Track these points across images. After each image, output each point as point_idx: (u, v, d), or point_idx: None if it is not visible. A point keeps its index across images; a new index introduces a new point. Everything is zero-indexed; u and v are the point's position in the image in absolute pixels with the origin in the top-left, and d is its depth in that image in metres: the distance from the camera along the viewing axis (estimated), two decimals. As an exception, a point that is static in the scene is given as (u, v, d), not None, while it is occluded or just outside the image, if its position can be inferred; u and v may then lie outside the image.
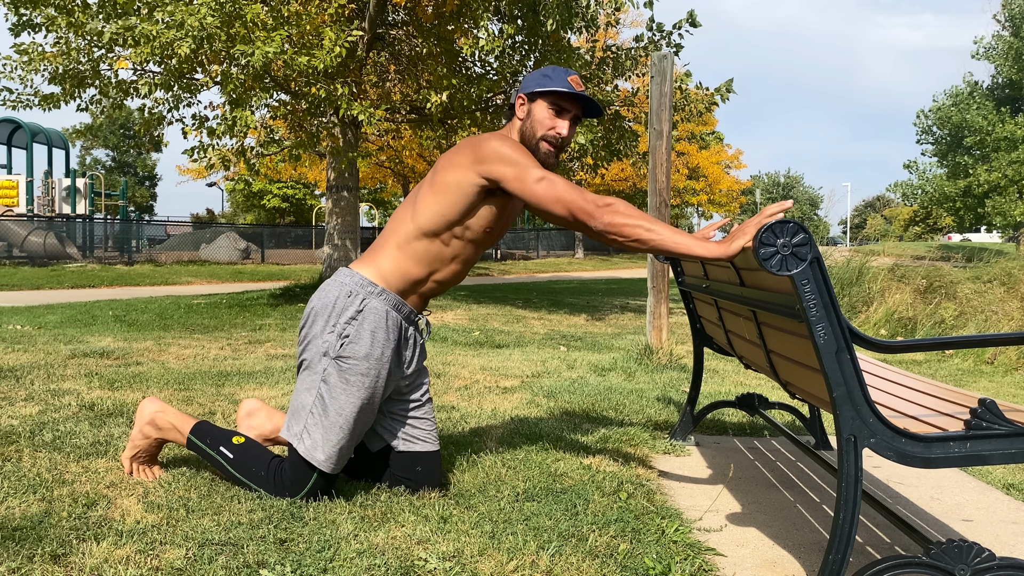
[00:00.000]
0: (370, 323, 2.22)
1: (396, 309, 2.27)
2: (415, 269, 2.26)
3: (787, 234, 1.56)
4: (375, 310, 2.23)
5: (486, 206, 2.22)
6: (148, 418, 2.39)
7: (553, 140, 2.26)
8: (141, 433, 2.40)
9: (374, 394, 2.25)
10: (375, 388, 2.24)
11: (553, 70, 2.29)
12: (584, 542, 2.00)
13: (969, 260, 12.00)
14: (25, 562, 1.76)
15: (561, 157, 2.37)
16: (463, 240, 2.26)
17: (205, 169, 9.62)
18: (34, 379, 3.94)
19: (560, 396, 3.95)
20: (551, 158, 2.27)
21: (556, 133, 2.25)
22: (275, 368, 4.56)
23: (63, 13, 7.78)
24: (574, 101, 2.27)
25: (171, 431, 2.38)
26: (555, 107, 2.25)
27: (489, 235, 2.29)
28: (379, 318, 2.23)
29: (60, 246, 19.01)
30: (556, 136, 2.25)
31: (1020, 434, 1.59)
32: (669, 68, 5.07)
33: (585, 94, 2.25)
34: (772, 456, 3.04)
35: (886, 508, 2.00)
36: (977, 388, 5.03)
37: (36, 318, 7.35)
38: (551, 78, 2.26)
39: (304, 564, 1.80)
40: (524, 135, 2.29)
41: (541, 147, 2.26)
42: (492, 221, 2.26)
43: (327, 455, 2.20)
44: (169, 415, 2.39)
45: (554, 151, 2.27)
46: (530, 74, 2.32)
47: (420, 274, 2.27)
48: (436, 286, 2.32)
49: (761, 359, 2.25)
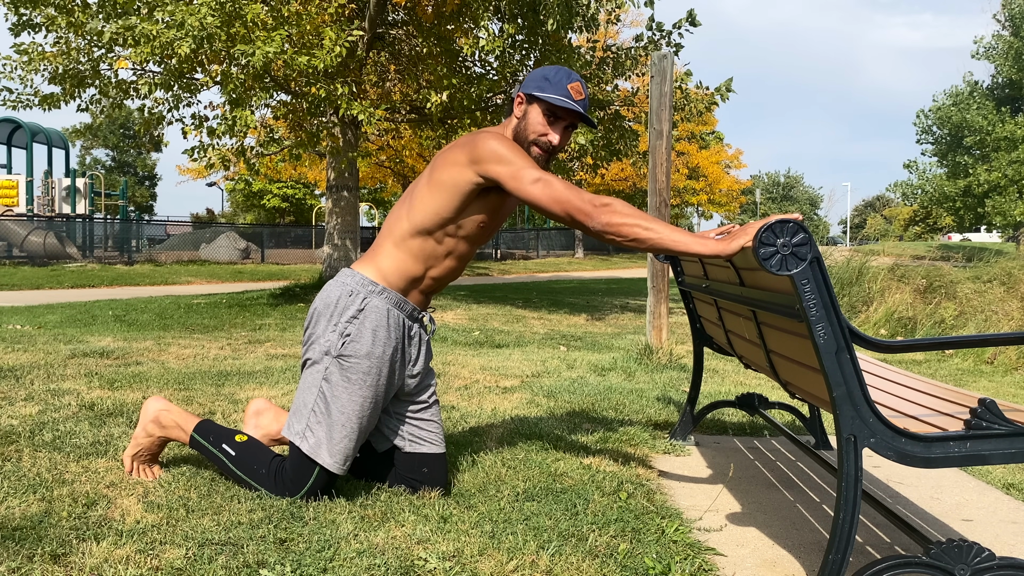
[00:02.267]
0: (371, 321, 2.22)
1: (398, 307, 2.27)
2: (413, 266, 2.27)
3: (787, 234, 1.56)
4: (376, 308, 2.23)
5: (481, 204, 2.22)
6: (152, 416, 2.40)
7: (544, 146, 2.25)
8: (144, 431, 2.40)
9: (377, 392, 2.24)
10: (377, 386, 2.24)
11: (555, 72, 2.26)
12: (584, 542, 2.00)
13: (969, 260, 12.00)
14: (25, 562, 1.76)
15: (561, 156, 2.36)
16: (456, 237, 2.26)
17: (205, 169, 9.62)
18: (34, 379, 3.94)
19: (560, 396, 3.95)
20: (540, 162, 2.26)
21: (547, 141, 2.25)
22: (275, 368, 4.56)
23: (63, 13, 7.78)
24: (569, 112, 2.25)
25: (174, 429, 2.39)
26: (550, 115, 2.24)
27: (483, 231, 2.30)
28: (380, 316, 2.23)
29: (60, 246, 19.01)
30: (547, 143, 2.25)
31: (1020, 434, 1.59)
32: (669, 68, 5.07)
33: (580, 109, 2.22)
34: (772, 456, 3.04)
35: (886, 508, 2.00)
36: (977, 388, 5.03)
37: (36, 318, 7.35)
38: (551, 83, 2.23)
39: (304, 564, 1.80)
40: (518, 134, 2.28)
41: (532, 151, 2.25)
42: (487, 218, 2.26)
43: (331, 454, 2.20)
44: (173, 413, 2.40)
45: (544, 156, 2.27)
46: (534, 72, 2.31)
47: (418, 271, 2.28)
48: (433, 283, 2.32)
49: (761, 359, 2.25)
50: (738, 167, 41.16)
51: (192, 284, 14.90)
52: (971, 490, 2.69)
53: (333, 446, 2.20)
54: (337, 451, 2.21)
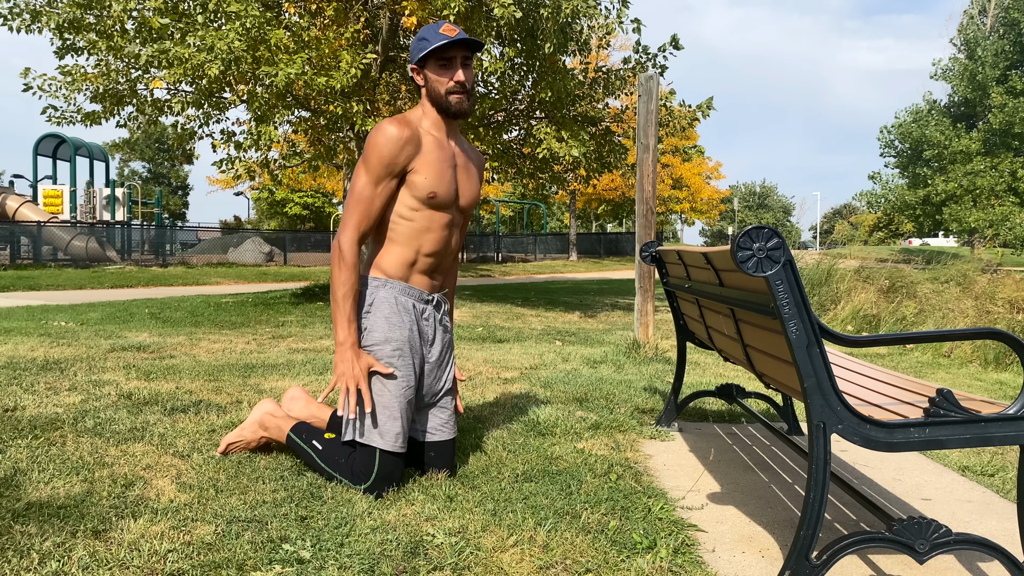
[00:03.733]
0: (382, 311, 2.22)
1: (404, 294, 2.24)
2: (403, 251, 2.24)
3: (762, 239, 1.56)
4: (383, 299, 2.22)
5: (407, 177, 2.19)
6: (257, 418, 2.45)
7: (456, 89, 2.21)
8: (250, 429, 2.45)
9: (407, 371, 2.20)
10: (405, 364, 2.20)
11: (426, 31, 2.21)
12: (578, 519, 2.00)
13: (928, 263, 11.99)
14: (69, 537, 1.76)
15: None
16: (420, 211, 2.21)
17: (232, 179, 9.63)
18: (77, 371, 3.94)
19: (555, 386, 3.95)
20: (465, 103, 2.22)
21: (455, 82, 2.20)
22: (296, 361, 4.56)
23: (103, 38, 7.77)
24: (457, 47, 2.20)
25: (274, 431, 2.42)
26: (443, 61, 2.20)
27: (435, 199, 2.21)
28: (389, 304, 2.22)
29: (101, 250, 19.00)
30: (456, 84, 2.20)
31: (974, 421, 1.59)
32: (655, 87, 5.07)
33: (460, 37, 2.17)
34: (749, 441, 3.04)
35: (852, 488, 2.00)
36: (935, 379, 5.03)
37: (79, 315, 7.35)
38: (428, 39, 2.19)
39: (323, 539, 1.80)
40: (433, 98, 2.24)
41: (452, 100, 2.21)
42: (424, 185, 2.19)
43: (382, 435, 2.17)
44: (277, 418, 2.44)
45: (464, 97, 2.22)
46: (411, 44, 2.26)
47: (409, 254, 2.24)
48: (431, 259, 2.26)
49: (738, 352, 2.25)
50: (718, 178, 41.14)
51: (221, 285, 14.89)
52: (930, 472, 2.69)
53: (383, 427, 2.17)
54: (387, 431, 2.17)
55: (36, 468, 2.25)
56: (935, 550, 1.58)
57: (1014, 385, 4.98)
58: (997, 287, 7.79)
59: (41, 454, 2.39)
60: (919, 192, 30.99)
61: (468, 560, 1.75)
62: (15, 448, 2.44)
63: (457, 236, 2.34)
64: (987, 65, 29.36)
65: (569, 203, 34.77)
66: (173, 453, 2.47)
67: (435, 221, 2.24)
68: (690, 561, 1.80)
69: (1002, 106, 28.34)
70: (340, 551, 1.75)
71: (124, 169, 48.79)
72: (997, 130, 28.94)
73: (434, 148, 2.22)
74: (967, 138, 29.71)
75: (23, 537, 1.75)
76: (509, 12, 7.17)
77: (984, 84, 29.48)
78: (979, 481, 2.60)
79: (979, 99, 30.04)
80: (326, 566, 1.68)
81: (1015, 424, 1.59)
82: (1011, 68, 29.70)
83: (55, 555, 1.67)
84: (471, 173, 2.35)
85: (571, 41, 8.54)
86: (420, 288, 2.28)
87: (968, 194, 29.46)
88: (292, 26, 7.62)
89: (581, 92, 9.53)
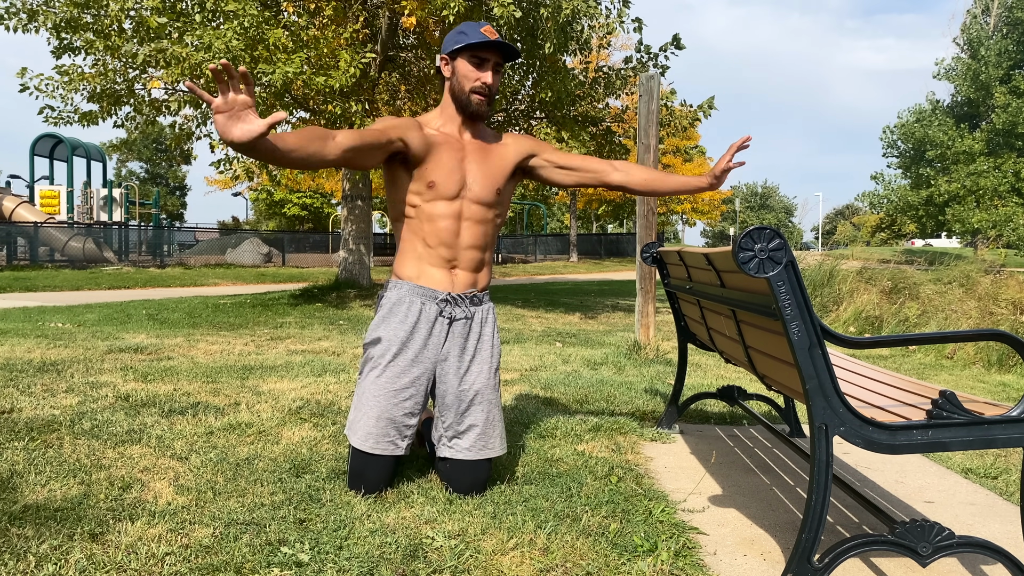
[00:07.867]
0: (384, 311, 2.25)
1: (412, 293, 2.23)
2: (411, 244, 2.25)
3: (764, 240, 1.56)
4: (387, 299, 2.26)
5: (409, 168, 2.20)
6: None
7: (480, 90, 2.22)
8: None
9: (394, 371, 2.17)
10: (390, 366, 2.18)
11: (467, 26, 2.22)
12: (578, 522, 2.00)
13: (931, 263, 11.99)
14: (66, 540, 1.76)
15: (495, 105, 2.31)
16: (424, 201, 2.21)
17: (231, 180, 9.63)
18: (74, 372, 3.94)
19: (556, 388, 3.95)
20: (483, 107, 2.24)
21: (482, 83, 2.22)
22: (295, 362, 4.56)
23: (101, 37, 7.78)
24: (492, 50, 2.22)
25: None
26: (475, 59, 2.21)
27: (435, 187, 2.20)
28: (393, 304, 2.24)
29: (98, 250, 19.01)
30: (482, 85, 2.22)
31: (977, 423, 1.59)
32: (656, 87, 5.07)
33: (500, 40, 2.19)
34: (750, 443, 3.04)
35: (855, 491, 2.00)
36: (938, 381, 5.03)
37: (76, 316, 7.35)
38: (467, 34, 2.20)
39: (321, 542, 1.80)
40: (454, 92, 2.25)
41: (473, 99, 2.22)
42: (424, 177, 2.20)
43: (353, 431, 2.18)
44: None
45: (485, 100, 2.24)
46: (448, 35, 2.27)
47: (417, 247, 2.24)
48: (438, 251, 2.23)
49: (740, 354, 2.25)
50: (719, 178, 41.06)
51: (219, 286, 14.89)
52: (932, 474, 2.69)
53: (355, 424, 2.18)
54: (358, 429, 2.16)
55: (33, 470, 2.25)
56: (938, 553, 1.58)
57: (1017, 387, 4.97)
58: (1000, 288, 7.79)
59: (38, 456, 2.39)
60: (922, 192, 31.01)
61: (468, 563, 1.74)
62: (11, 450, 2.44)
63: (472, 229, 2.26)
64: (990, 65, 29.39)
65: (569, 204, 34.77)
66: (171, 455, 2.47)
67: (438, 210, 2.21)
68: (691, 564, 1.80)
69: (1005, 106, 28.37)
70: (339, 554, 1.75)
71: (121, 169, 48.81)
72: (1000, 130, 28.96)
73: (440, 139, 2.23)
74: (970, 138, 29.72)
75: (20, 540, 1.75)
76: (509, 12, 7.17)
77: (987, 84, 29.50)
78: (982, 484, 2.60)
79: (982, 99, 30.06)
80: (325, 569, 1.68)
81: (1018, 426, 1.59)
82: (1014, 68, 29.74)
83: (52, 558, 1.67)
84: (490, 165, 2.29)
85: (571, 41, 8.55)
86: (431, 287, 2.23)
87: (971, 195, 29.46)
88: (291, 25, 7.63)
89: (581, 92, 9.53)
